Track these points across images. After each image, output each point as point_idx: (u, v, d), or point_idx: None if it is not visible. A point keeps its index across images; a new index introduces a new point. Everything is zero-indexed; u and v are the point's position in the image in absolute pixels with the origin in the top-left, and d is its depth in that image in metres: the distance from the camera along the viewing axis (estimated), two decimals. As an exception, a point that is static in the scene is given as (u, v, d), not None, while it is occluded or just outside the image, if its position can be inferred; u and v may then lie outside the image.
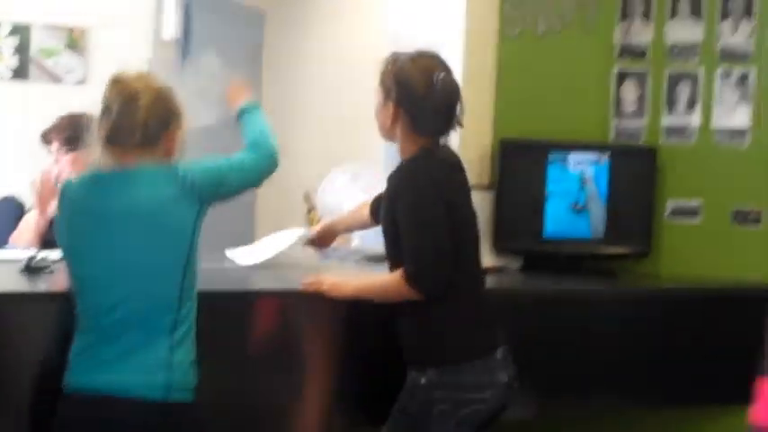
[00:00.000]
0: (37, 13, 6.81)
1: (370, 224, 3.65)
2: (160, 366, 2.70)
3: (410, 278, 3.04)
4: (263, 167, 3.06)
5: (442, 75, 3.18)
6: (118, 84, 2.83)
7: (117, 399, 2.68)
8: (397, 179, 3.17)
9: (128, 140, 2.79)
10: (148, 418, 2.70)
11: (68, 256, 2.84)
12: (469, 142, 4.62)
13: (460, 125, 3.25)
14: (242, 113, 3.22)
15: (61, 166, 4.40)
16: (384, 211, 3.22)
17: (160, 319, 2.72)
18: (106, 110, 2.82)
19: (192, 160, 2.92)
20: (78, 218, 2.81)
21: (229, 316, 3.22)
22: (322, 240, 3.89)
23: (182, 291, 2.75)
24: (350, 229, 3.96)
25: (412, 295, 3.05)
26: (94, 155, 2.86)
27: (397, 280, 3.07)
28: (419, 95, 3.16)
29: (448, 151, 3.28)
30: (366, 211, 3.66)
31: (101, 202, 2.77)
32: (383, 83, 3.28)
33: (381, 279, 3.23)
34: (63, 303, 3.02)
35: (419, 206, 3.07)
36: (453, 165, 3.25)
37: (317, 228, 3.93)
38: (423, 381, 3.07)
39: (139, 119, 2.78)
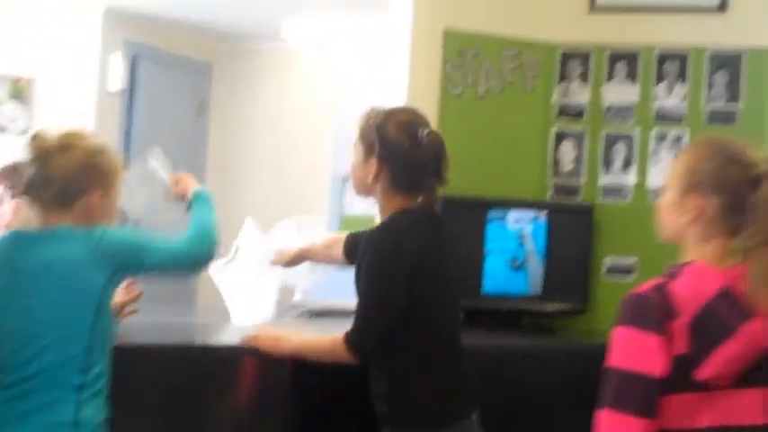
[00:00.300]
0: (-19, 63, 6.84)
1: (342, 263, 3.57)
2: (66, 424, 2.69)
3: (348, 342, 2.98)
4: (194, 252, 2.98)
5: (427, 130, 3.07)
6: (35, 140, 2.84)
7: None
8: (365, 241, 3.08)
9: (40, 198, 2.82)
10: None
11: None
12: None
13: (445, 182, 3.15)
14: (190, 204, 3.18)
15: (3, 213, 4.40)
16: (356, 267, 3.13)
17: (69, 378, 2.71)
18: (24, 165, 2.85)
19: (118, 227, 2.95)
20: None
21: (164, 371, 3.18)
22: (291, 262, 3.82)
23: (90, 352, 2.73)
24: (321, 261, 3.85)
25: (344, 359, 3.00)
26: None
27: (335, 341, 3.02)
28: (404, 151, 3.05)
29: (427, 211, 3.13)
30: (339, 251, 3.58)
31: (18, 259, 2.78)
32: (364, 138, 3.12)
33: (319, 339, 3.18)
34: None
35: (376, 275, 2.99)
36: (432, 228, 3.12)
37: (291, 252, 3.85)
38: None
39: (51, 178, 2.80)
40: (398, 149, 3.04)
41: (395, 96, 4.79)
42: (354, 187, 3.21)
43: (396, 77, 4.83)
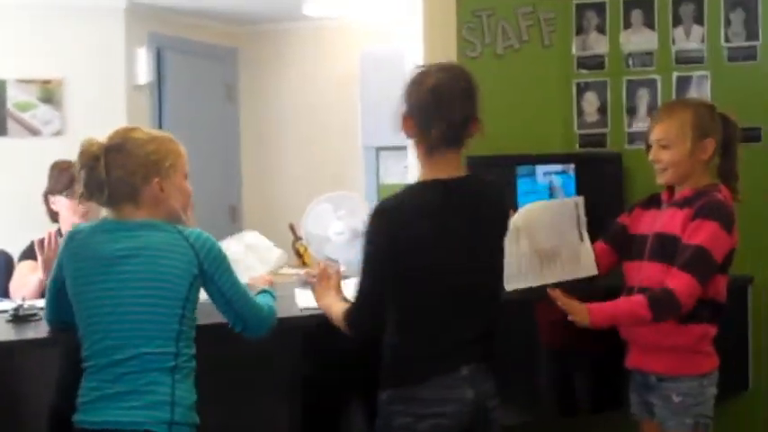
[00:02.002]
0: (9, 69, 6.94)
1: None
2: (164, 403, 2.81)
3: (346, 320, 3.11)
4: (260, 315, 3.11)
5: (439, 75, 3.00)
6: (85, 144, 2.94)
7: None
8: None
9: (106, 198, 2.93)
10: None
11: (76, 301, 2.92)
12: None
13: (466, 133, 3.03)
14: (260, 293, 3.34)
15: (62, 213, 4.50)
16: None
17: (163, 360, 2.83)
18: (78, 170, 2.95)
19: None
20: (84, 263, 2.90)
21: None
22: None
23: (179, 336, 2.87)
24: None
25: (349, 334, 3.12)
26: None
27: (342, 316, 3.13)
28: (415, 98, 3.01)
29: (449, 184, 3.02)
30: None
31: (108, 248, 2.88)
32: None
33: (338, 309, 3.20)
34: (51, 349, 3.15)
35: (366, 251, 3.01)
36: (444, 202, 3.00)
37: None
38: (384, 396, 3.08)
39: (110, 179, 2.90)
40: (411, 96, 3.01)
41: (414, 64, 4.84)
42: None
43: (413, 45, 4.88)
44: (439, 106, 2.97)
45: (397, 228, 2.95)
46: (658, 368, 3.49)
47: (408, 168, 5.14)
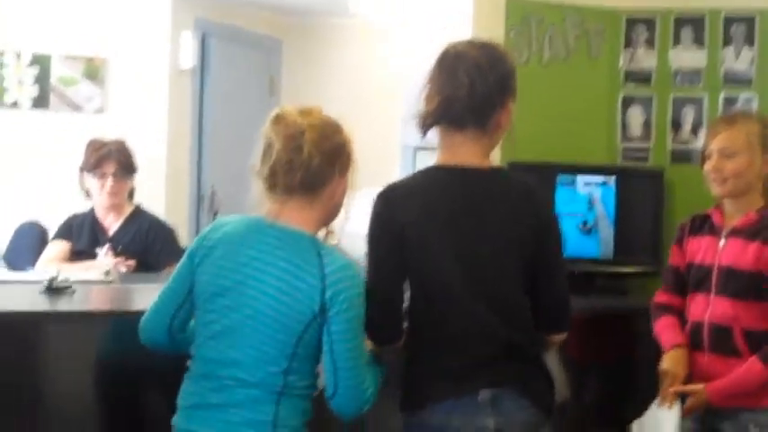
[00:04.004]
0: (56, 44, 6.99)
1: None
2: (265, 423, 2.56)
3: (366, 331, 2.64)
4: (365, 386, 2.63)
5: (458, 46, 2.70)
6: (281, 121, 2.64)
7: None
8: None
9: (285, 183, 2.59)
10: None
11: (206, 300, 2.64)
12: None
13: (484, 117, 2.66)
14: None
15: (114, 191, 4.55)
16: None
17: (272, 378, 2.56)
18: (267, 149, 2.61)
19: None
20: (223, 262, 2.62)
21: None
22: None
23: (294, 357, 2.56)
24: None
25: (376, 347, 2.70)
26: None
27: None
28: (433, 73, 2.70)
29: (467, 170, 2.68)
30: None
31: (246, 252, 2.60)
32: None
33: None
34: (85, 323, 3.16)
35: (369, 241, 2.69)
36: (454, 190, 2.67)
37: None
38: (402, 423, 2.71)
39: (303, 162, 2.58)
40: (431, 75, 2.70)
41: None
42: None
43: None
44: (444, 73, 2.66)
45: (391, 209, 2.64)
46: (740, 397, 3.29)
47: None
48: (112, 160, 4.55)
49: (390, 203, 2.65)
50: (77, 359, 3.15)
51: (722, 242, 3.32)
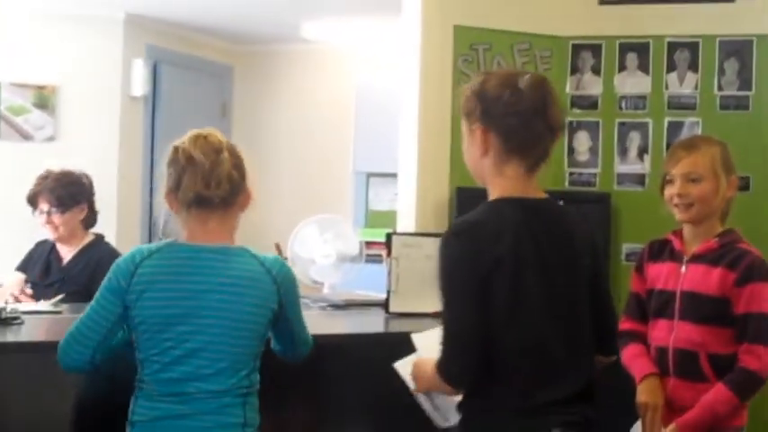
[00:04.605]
0: (5, 72, 6.95)
1: None
2: (237, 426, 2.71)
3: (439, 373, 2.55)
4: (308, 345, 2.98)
5: (528, 75, 2.57)
6: (204, 139, 2.82)
7: None
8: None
9: (210, 201, 2.75)
10: None
11: (155, 331, 2.69)
12: (427, 191, 4.82)
13: (556, 131, 2.61)
14: None
15: (53, 227, 4.49)
16: None
17: (240, 382, 2.72)
18: (190, 164, 2.76)
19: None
20: (169, 293, 2.69)
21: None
22: None
23: (256, 358, 2.77)
24: None
25: (449, 391, 2.63)
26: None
27: (435, 369, 2.57)
28: (505, 102, 2.52)
29: (536, 201, 2.63)
30: None
31: (192, 274, 2.71)
32: (465, 107, 2.60)
33: (430, 365, 2.63)
34: (31, 354, 3.15)
35: (445, 282, 2.52)
36: (532, 221, 2.55)
37: None
38: None
39: (225, 177, 2.78)
40: (499, 102, 2.53)
41: (409, 93, 4.88)
42: (474, 176, 2.70)
43: (409, 74, 4.92)
44: (499, 103, 2.54)
45: (478, 245, 2.47)
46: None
47: (398, 196, 5.17)
48: (45, 197, 4.47)
49: (476, 239, 2.49)
50: (27, 390, 3.14)
51: (684, 268, 3.28)
